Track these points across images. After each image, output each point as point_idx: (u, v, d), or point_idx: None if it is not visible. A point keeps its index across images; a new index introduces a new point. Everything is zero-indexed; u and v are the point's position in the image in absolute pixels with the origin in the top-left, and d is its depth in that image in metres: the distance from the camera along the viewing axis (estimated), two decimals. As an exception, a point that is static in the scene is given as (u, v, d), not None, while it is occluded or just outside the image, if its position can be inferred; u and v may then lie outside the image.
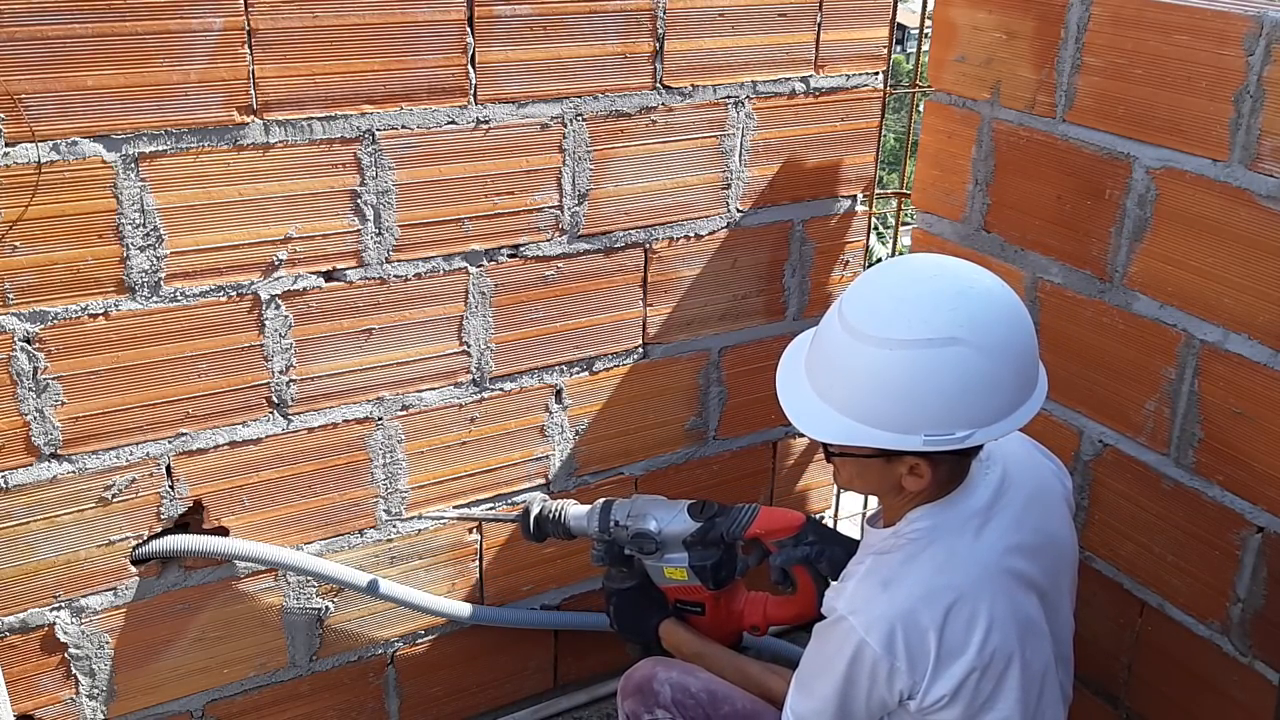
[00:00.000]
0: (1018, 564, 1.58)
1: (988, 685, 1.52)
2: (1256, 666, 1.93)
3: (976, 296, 1.49)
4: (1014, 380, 1.48)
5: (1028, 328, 1.52)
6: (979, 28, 2.25)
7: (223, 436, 1.96)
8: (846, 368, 1.50)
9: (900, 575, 1.54)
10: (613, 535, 1.98)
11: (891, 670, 1.50)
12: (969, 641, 1.51)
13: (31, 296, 1.74)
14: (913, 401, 1.45)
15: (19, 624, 1.89)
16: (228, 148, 1.81)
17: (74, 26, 1.64)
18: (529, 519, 2.05)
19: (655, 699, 1.82)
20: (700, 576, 1.93)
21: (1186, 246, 1.93)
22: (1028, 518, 1.62)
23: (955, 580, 1.53)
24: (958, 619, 1.51)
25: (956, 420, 1.46)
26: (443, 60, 1.93)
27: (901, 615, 1.50)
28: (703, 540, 1.92)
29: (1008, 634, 1.53)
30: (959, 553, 1.55)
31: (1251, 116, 1.79)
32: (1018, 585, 1.57)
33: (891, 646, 1.49)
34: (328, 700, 2.24)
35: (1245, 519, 1.90)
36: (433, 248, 2.03)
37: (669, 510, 1.97)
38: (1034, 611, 1.59)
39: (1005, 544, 1.58)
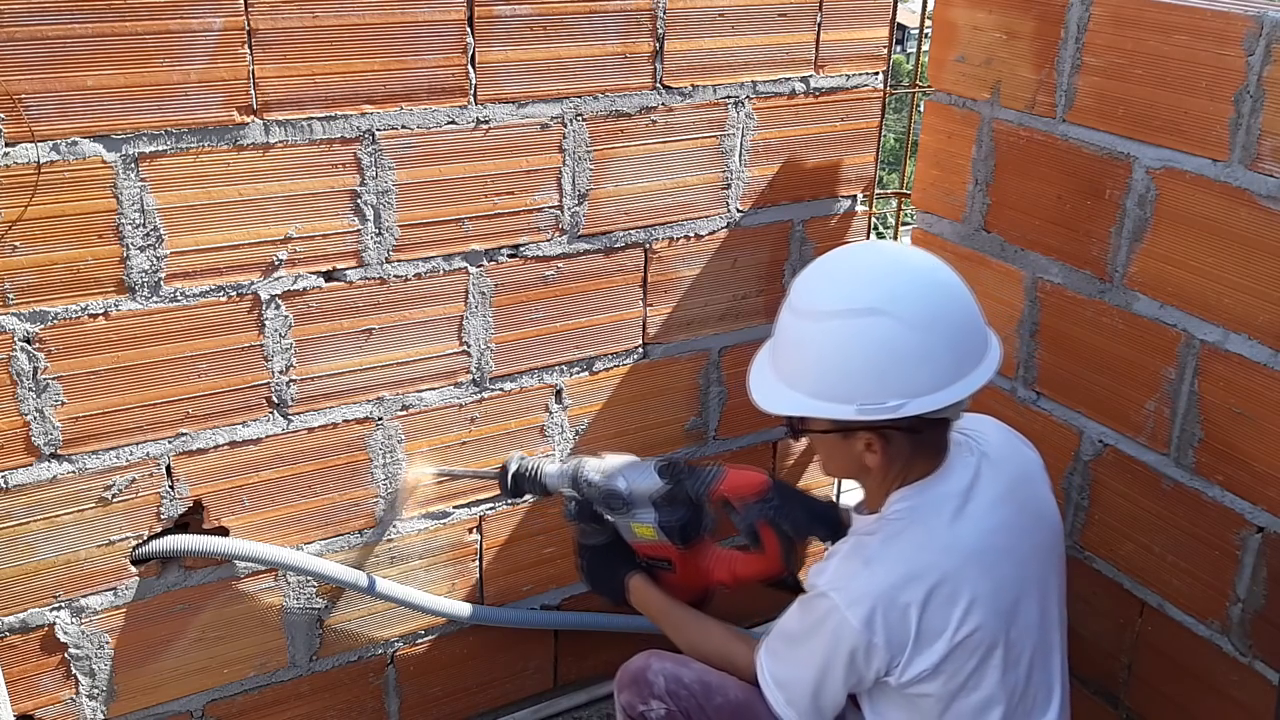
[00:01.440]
0: (1001, 542, 1.61)
1: (969, 663, 1.56)
2: (1256, 666, 1.93)
3: (901, 270, 1.58)
4: (947, 352, 1.54)
5: (961, 302, 1.58)
6: (979, 28, 2.25)
7: (223, 436, 1.96)
8: (788, 342, 1.62)
9: (881, 554, 1.59)
10: (584, 493, 2.00)
11: (869, 647, 1.55)
12: (948, 620, 1.54)
13: (31, 296, 1.74)
14: (841, 371, 1.54)
15: (19, 624, 1.89)
16: (228, 148, 1.81)
17: (74, 26, 1.64)
18: (507, 476, 2.07)
19: (650, 690, 1.83)
20: (668, 534, 1.96)
21: (1186, 246, 1.93)
22: (1011, 498, 1.67)
23: (936, 559, 1.57)
24: (938, 598, 1.54)
25: (887, 390, 1.52)
26: (443, 60, 1.93)
27: (882, 594, 1.55)
28: (670, 499, 1.95)
29: (990, 613, 1.56)
30: (939, 532, 1.59)
31: (1251, 116, 1.79)
32: (1002, 564, 1.60)
33: (871, 624, 1.54)
34: (328, 700, 2.24)
35: (1245, 519, 1.90)
36: (433, 248, 2.03)
37: (638, 470, 2.00)
38: (1019, 591, 1.61)
39: (989, 524, 1.62)
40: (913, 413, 1.53)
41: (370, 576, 2.15)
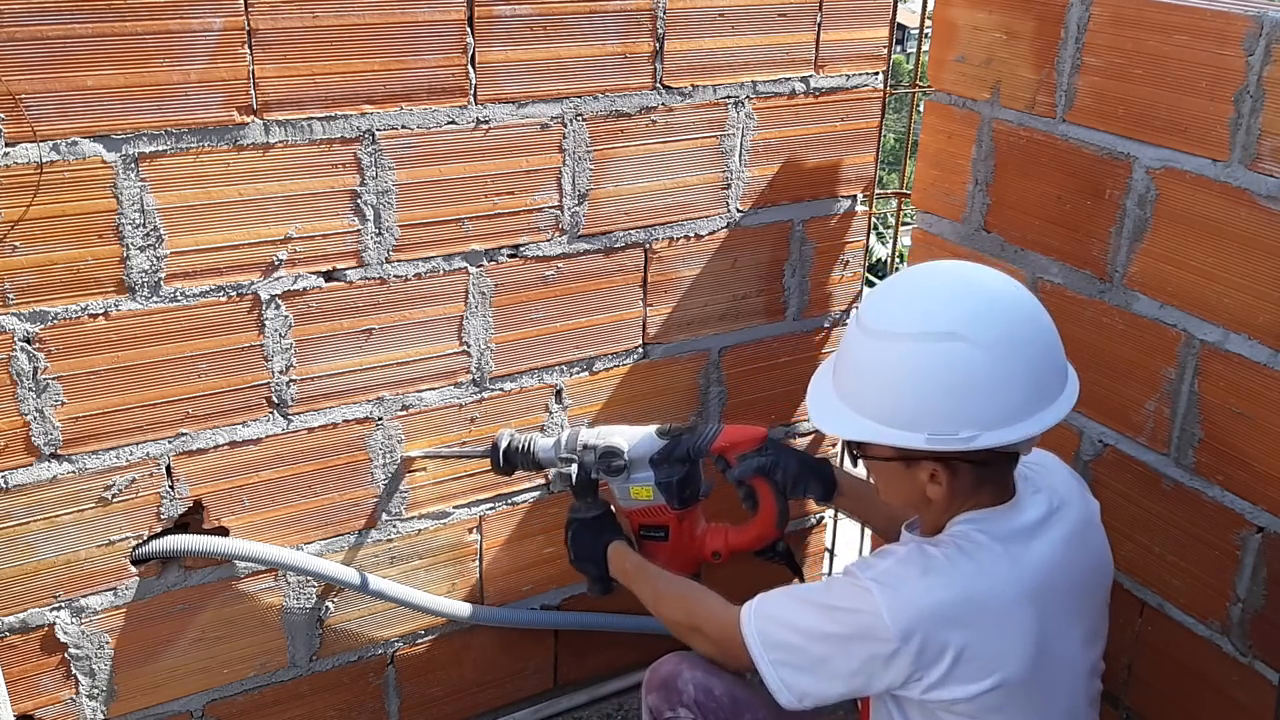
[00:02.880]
0: (1061, 582, 1.54)
1: (1001, 699, 1.50)
2: (1256, 666, 1.93)
3: (981, 294, 1.49)
4: (1026, 383, 1.46)
5: (1043, 330, 1.51)
6: (979, 28, 2.25)
7: (223, 436, 1.96)
8: (856, 362, 1.54)
9: (942, 569, 1.50)
10: (580, 457, 1.99)
11: (893, 657, 1.47)
12: (991, 660, 1.47)
13: (32, 296, 1.74)
14: (913, 396, 1.46)
15: (19, 624, 1.89)
16: (228, 148, 1.81)
17: (74, 26, 1.64)
18: (498, 452, 2.06)
19: (679, 697, 1.80)
20: (666, 493, 1.95)
21: (1186, 246, 1.93)
22: (1079, 540, 1.60)
23: (997, 589, 1.49)
24: (984, 634, 1.47)
25: (960, 419, 1.45)
26: (443, 60, 1.93)
27: (932, 613, 1.47)
28: (669, 458, 1.95)
29: (1033, 657, 1.49)
30: (1004, 563, 1.51)
31: (1251, 116, 1.79)
32: (1058, 606, 1.53)
33: (908, 639, 1.46)
34: (328, 700, 2.24)
35: (1245, 519, 1.90)
36: (433, 248, 2.03)
37: (637, 432, 2.00)
38: (1067, 636, 1.55)
39: (1053, 560, 1.54)
40: (986, 445, 1.45)
41: (370, 576, 2.15)
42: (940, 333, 1.45)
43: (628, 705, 2.54)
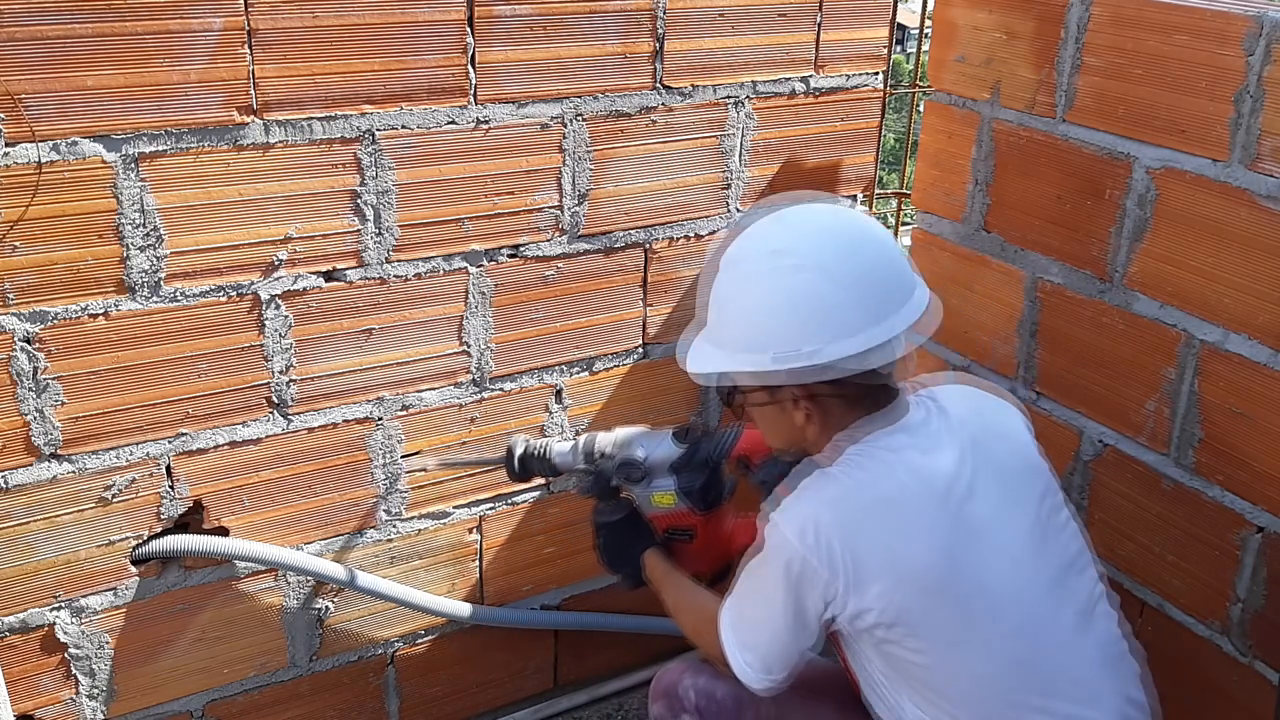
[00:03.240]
0: (960, 477, 1.56)
1: (917, 601, 1.50)
2: (1256, 666, 1.93)
3: (816, 217, 1.58)
4: (861, 294, 1.51)
5: (876, 246, 1.56)
6: (979, 28, 2.25)
7: (223, 436, 1.96)
8: (712, 298, 1.62)
9: (836, 481, 1.55)
10: (599, 466, 1.96)
11: (805, 564, 1.51)
12: (902, 560, 1.49)
13: (32, 296, 1.74)
14: (753, 318, 1.53)
15: (19, 624, 1.89)
16: (228, 148, 1.81)
17: (74, 26, 1.64)
18: (514, 459, 2.02)
19: (681, 704, 1.79)
20: (689, 499, 1.92)
21: (1186, 246, 1.93)
22: (987, 442, 1.62)
23: (891, 493, 1.53)
24: (888, 534, 1.50)
25: (802, 337, 1.50)
26: (443, 60, 1.93)
27: (822, 516, 1.52)
28: (689, 464, 1.91)
29: (944, 559, 1.50)
30: (897, 468, 1.54)
31: (1251, 116, 1.79)
32: (958, 500, 1.54)
33: (805, 539, 1.50)
34: (328, 700, 2.24)
35: (1245, 519, 1.90)
36: (433, 248, 2.03)
37: (654, 438, 1.96)
38: (994, 541, 1.54)
39: (953, 463, 1.56)
40: (831, 358, 1.48)
41: (370, 576, 2.15)
42: (766, 253, 1.54)
43: (628, 705, 2.54)
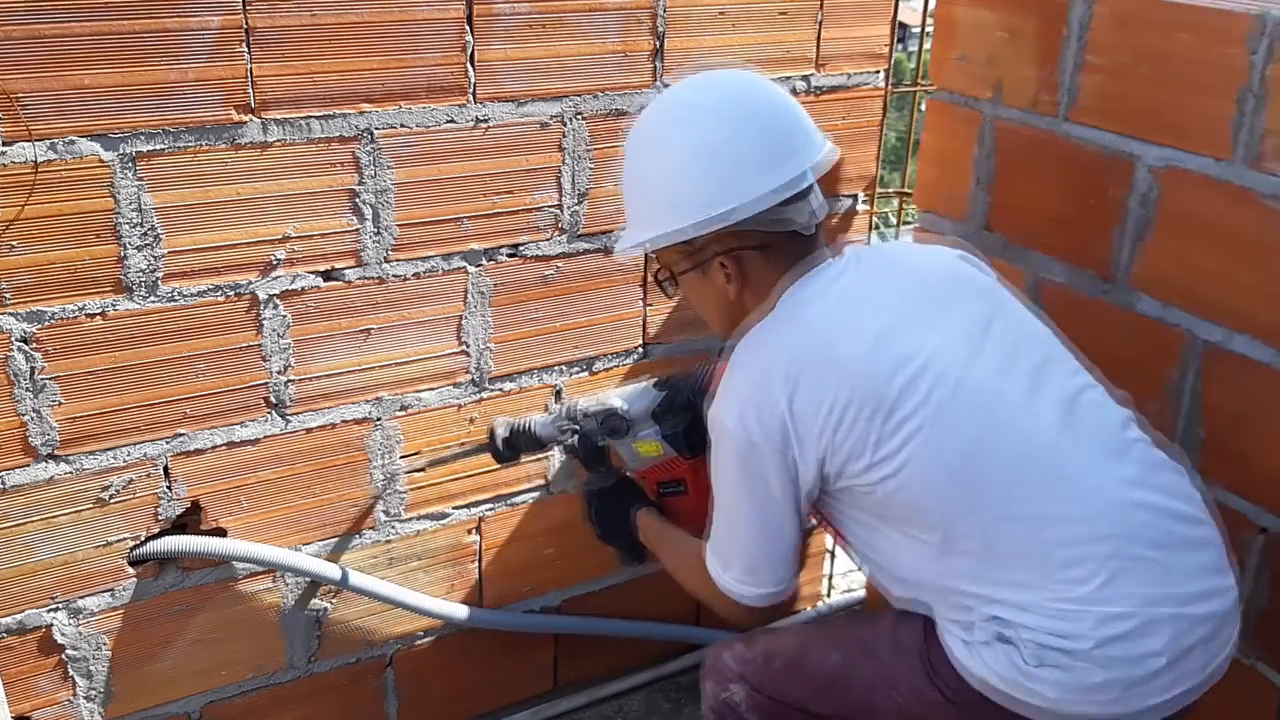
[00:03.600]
0: (881, 307, 1.56)
1: (861, 429, 1.49)
2: (1257, 666, 1.92)
3: (689, 82, 1.64)
4: (760, 147, 1.54)
5: (768, 98, 1.60)
6: (981, 26, 2.24)
7: (220, 437, 1.95)
8: (626, 182, 1.67)
9: (744, 360, 1.59)
10: (582, 426, 1.95)
11: (752, 447, 1.52)
12: (820, 396, 1.49)
13: (28, 296, 1.73)
14: (663, 188, 1.58)
15: (16, 625, 1.88)
16: (225, 147, 1.80)
17: (71, 25, 1.64)
18: (497, 439, 2.01)
19: (726, 675, 1.78)
20: (674, 444, 1.90)
21: (1189, 246, 1.92)
22: (887, 270, 1.64)
23: (796, 344, 1.54)
24: (808, 381, 1.50)
25: (711, 197, 1.53)
26: (442, 59, 1.92)
27: (754, 393, 1.53)
28: (670, 408, 1.90)
29: (871, 375, 1.49)
30: (798, 321, 1.56)
31: (1254, 115, 1.79)
32: (878, 330, 1.53)
33: (744, 421, 1.52)
34: (326, 702, 2.23)
35: (1248, 520, 1.90)
36: (431, 247, 2.03)
37: (633, 390, 1.96)
38: (929, 351, 1.51)
39: (861, 291, 1.58)
40: (743, 215, 1.52)
41: (368, 578, 2.14)
42: (668, 123, 1.59)
43: (627, 707, 2.54)
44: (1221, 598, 1.52)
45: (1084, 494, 1.49)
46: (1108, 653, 1.44)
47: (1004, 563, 1.48)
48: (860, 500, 1.56)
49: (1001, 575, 1.49)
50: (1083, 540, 1.47)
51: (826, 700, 1.68)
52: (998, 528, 1.48)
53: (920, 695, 1.58)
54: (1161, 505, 1.52)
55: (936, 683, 1.56)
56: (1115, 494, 1.50)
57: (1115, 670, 1.44)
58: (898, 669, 1.61)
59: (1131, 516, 1.49)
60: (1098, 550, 1.46)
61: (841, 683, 1.66)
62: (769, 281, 1.61)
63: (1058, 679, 1.45)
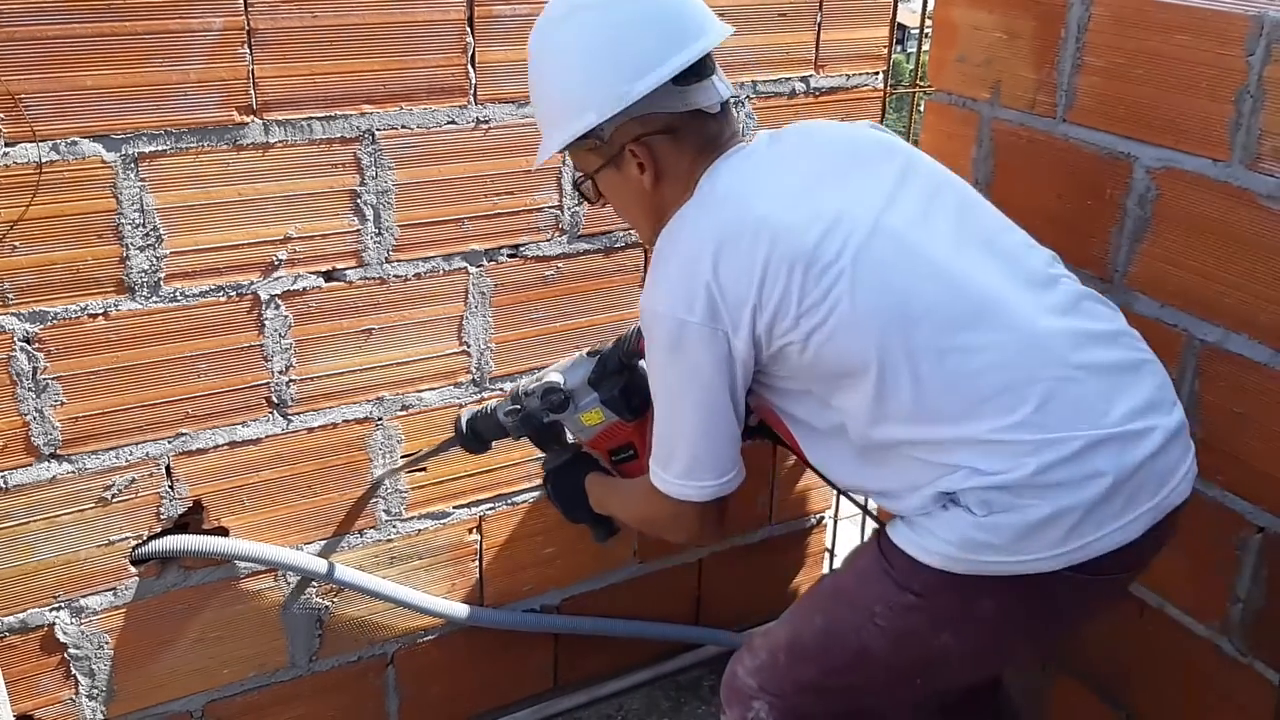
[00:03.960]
0: (794, 174, 1.58)
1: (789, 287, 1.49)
2: (1256, 666, 1.93)
3: None
4: (649, 28, 1.55)
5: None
6: (979, 27, 2.25)
7: (222, 437, 1.96)
8: (532, 91, 1.68)
9: (668, 250, 1.58)
10: (525, 405, 1.95)
11: (685, 327, 1.51)
12: (742, 263, 1.50)
13: (31, 296, 1.74)
14: (563, 83, 1.59)
15: (19, 624, 1.89)
16: (227, 148, 1.81)
17: (73, 26, 1.64)
18: (462, 429, 2.02)
19: (747, 693, 1.75)
20: (613, 408, 1.89)
21: (1187, 246, 1.93)
22: (798, 136, 1.66)
23: (717, 221, 1.54)
24: (733, 253, 1.50)
25: (611, 84, 1.54)
26: (442, 60, 1.93)
27: (680, 276, 1.53)
28: (604, 373, 1.89)
29: (792, 241, 1.50)
30: (713, 200, 1.57)
31: (1252, 116, 1.79)
32: (796, 190, 1.55)
33: (685, 302, 1.51)
34: (327, 701, 2.23)
35: (1245, 519, 1.90)
36: (432, 248, 2.03)
37: (569, 363, 1.95)
38: (843, 204, 1.53)
39: (770, 166, 1.59)
40: (641, 92, 1.52)
41: (370, 577, 2.15)
42: (550, 18, 1.60)
43: (627, 706, 2.54)
44: (1163, 414, 1.52)
45: (1010, 324, 1.50)
46: (1050, 478, 1.43)
47: (936, 400, 1.48)
48: (795, 368, 1.55)
49: (936, 413, 1.48)
50: (1012, 366, 1.47)
51: (831, 665, 1.66)
52: (927, 362, 1.48)
53: (897, 609, 1.56)
54: (1091, 330, 1.53)
55: (905, 586, 1.55)
56: (1042, 322, 1.51)
57: (1062, 498, 1.43)
58: (868, 595, 1.59)
59: (1060, 342, 1.50)
60: (1028, 376, 1.46)
61: (834, 639, 1.64)
62: (683, 168, 1.61)
63: (1008, 522, 1.44)
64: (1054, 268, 1.62)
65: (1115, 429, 1.46)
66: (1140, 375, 1.54)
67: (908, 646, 1.58)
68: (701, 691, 2.60)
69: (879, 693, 1.67)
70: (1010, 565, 1.47)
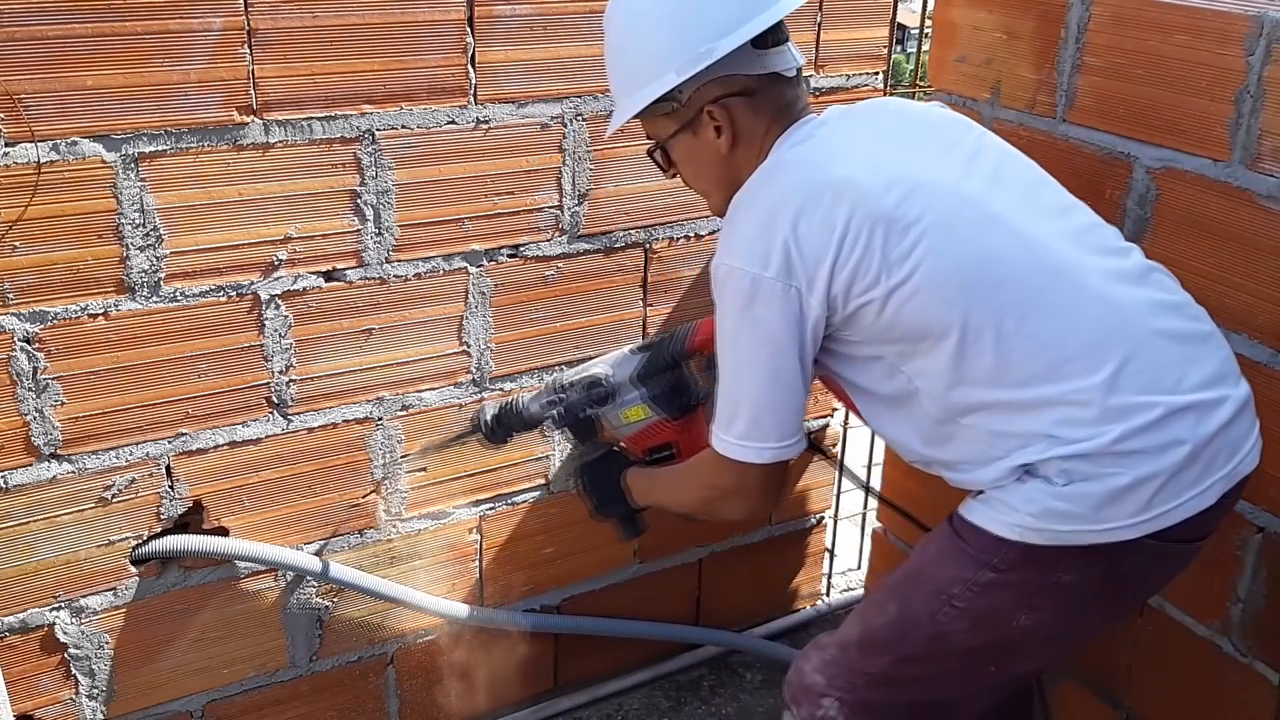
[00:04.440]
0: (868, 143, 1.60)
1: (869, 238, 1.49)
2: (1256, 666, 1.93)
3: None
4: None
5: None
6: (979, 28, 2.25)
7: (222, 436, 1.96)
8: (608, 58, 1.69)
9: (745, 207, 1.58)
10: (566, 398, 1.93)
11: (769, 281, 1.51)
12: (822, 221, 1.50)
13: (31, 296, 1.74)
14: (642, 47, 1.60)
15: (19, 624, 1.89)
16: (227, 148, 1.81)
17: (74, 26, 1.64)
18: (485, 420, 2.00)
19: (815, 690, 1.71)
20: (659, 405, 1.88)
21: (1187, 246, 1.93)
22: (873, 113, 1.68)
23: (796, 184, 1.54)
24: (809, 212, 1.50)
25: (690, 44, 1.55)
26: (443, 60, 1.93)
27: (756, 234, 1.52)
28: (653, 370, 1.88)
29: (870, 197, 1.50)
30: (793, 165, 1.58)
31: (1252, 116, 1.79)
32: (874, 155, 1.57)
33: (763, 257, 1.51)
34: (327, 701, 2.23)
35: (1245, 519, 1.90)
36: (433, 248, 2.03)
37: (615, 357, 1.94)
38: (920, 173, 1.54)
39: (845, 136, 1.61)
40: (723, 52, 1.53)
41: (370, 577, 2.15)
42: None
43: (627, 705, 2.54)
44: (1232, 384, 1.53)
45: (1089, 288, 1.51)
46: (1130, 445, 1.44)
47: (1020, 360, 1.48)
48: (870, 330, 1.53)
49: (1018, 374, 1.48)
50: (1091, 329, 1.48)
51: (905, 653, 1.62)
52: (1011, 321, 1.48)
53: (976, 587, 1.54)
54: (1163, 300, 1.55)
55: (984, 562, 1.53)
56: (1119, 289, 1.52)
57: (1143, 465, 1.44)
58: (945, 576, 1.57)
59: (1136, 308, 1.51)
60: (1107, 338, 1.48)
61: (909, 625, 1.61)
62: (759, 132, 1.62)
63: (1089, 491, 1.45)
64: (1122, 241, 1.63)
65: (1192, 396, 1.47)
66: (1209, 346, 1.55)
67: (986, 627, 1.56)
68: (701, 691, 2.60)
69: (951, 683, 1.64)
70: (1092, 534, 1.47)
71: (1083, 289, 1.51)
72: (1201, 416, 1.47)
